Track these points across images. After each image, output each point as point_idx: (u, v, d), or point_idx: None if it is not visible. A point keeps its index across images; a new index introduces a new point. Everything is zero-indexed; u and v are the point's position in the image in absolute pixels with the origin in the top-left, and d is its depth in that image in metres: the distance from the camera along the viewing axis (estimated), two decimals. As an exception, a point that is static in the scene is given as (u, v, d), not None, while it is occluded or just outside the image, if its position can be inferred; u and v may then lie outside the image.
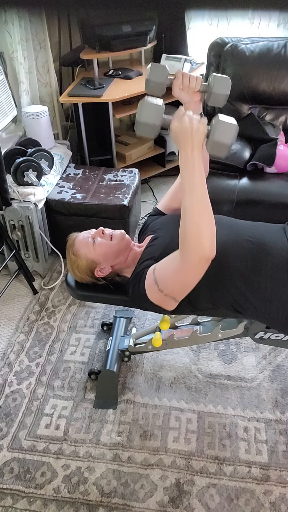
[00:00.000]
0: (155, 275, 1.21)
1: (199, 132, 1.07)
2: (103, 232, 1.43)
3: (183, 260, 1.11)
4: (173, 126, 1.10)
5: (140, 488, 1.49)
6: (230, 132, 1.08)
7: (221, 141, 1.08)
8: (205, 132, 1.09)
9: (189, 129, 1.07)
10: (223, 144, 1.08)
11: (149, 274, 1.23)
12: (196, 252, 1.08)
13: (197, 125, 1.08)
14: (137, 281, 1.28)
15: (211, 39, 2.65)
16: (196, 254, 1.08)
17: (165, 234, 1.37)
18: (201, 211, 1.08)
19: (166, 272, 1.19)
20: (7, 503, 1.46)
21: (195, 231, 1.07)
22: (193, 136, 1.07)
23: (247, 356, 1.93)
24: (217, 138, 1.08)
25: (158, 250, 1.31)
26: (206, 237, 1.07)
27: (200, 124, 1.08)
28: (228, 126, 1.08)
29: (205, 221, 1.08)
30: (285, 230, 1.37)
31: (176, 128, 1.09)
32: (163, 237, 1.37)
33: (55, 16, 2.68)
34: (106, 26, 2.59)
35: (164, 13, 1.07)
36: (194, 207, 1.08)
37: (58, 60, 2.86)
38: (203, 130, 1.08)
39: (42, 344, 2.01)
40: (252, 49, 2.51)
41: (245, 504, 1.44)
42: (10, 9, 0.36)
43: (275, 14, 2.22)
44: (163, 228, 1.42)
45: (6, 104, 2.42)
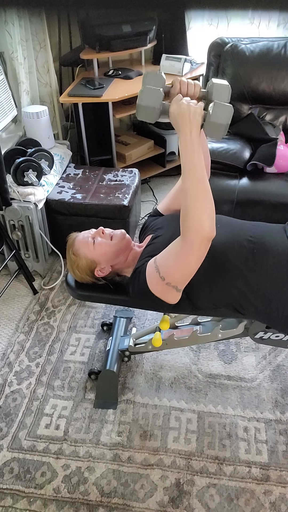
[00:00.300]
0: (156, 263, 1.21)
1: (196, 114, 1.11)
2: (103, 232, 1.43)
3: (184, 242, 1.13)
4: (172, 109, 1.14)
5: (140, 488, 1.49)
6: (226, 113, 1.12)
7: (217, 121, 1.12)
8: (202, 114, 1.12)
9: (187, 112, 1.11)
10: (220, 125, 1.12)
11: (150, 264, 1.24)
12: (197, 232, 1.11)
13: (194, 108, 1.12)
14: (137, 275, 1.27)
15: (211, 39, 2.65)
16: (198, 234, 1.11)
17: (166, 233, 1.37)
18: (200, 192, 1.12)
19: (167, 259, 1.19)
20: (7, 503, 1.46)
21: (196, 212, 1.10)
22: (191, 118, 1.11)
23: (247, 356, 1.93)
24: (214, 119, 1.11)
25: (159, 248, 1.31)
26: (206, 217, 1.10)
27: (197, 107, 1.12)
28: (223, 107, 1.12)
29: (205, 202, 1.12)
30: (285, 230, 1.37)
31: (175, 111, 1.13)
32: (164, 235, 1.37)
33: (55, 16, 2.68)
34: (106, 26, 2.59)
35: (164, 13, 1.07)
36: (194, 188, 1.12)
37: (58, 60, 2.86)
38: (200, 112, 1.12)
39: (42, 344, 2.01)
40: (252, 49, 2.51)
41: (245, 504, 1.44)
42: (10, 9, 0.36)
43: (275, 14, 2.22)
44: (164, 227, 1.42)
45: (6, 104, 2.42)
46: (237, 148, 2.40)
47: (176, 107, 1.13)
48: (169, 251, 1.20)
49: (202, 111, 1.13)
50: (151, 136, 3.07)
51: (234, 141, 2.48)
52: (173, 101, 1.14)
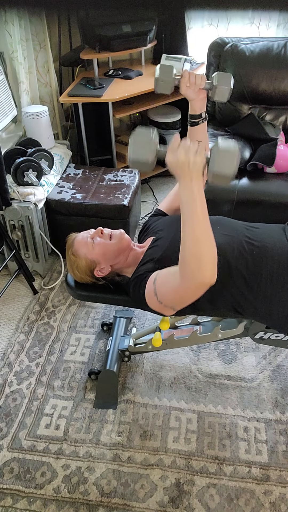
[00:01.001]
0: (155, 286, 1.20)
1: (196, 165, 1.00)
2: (102, 232, 1.43)
3: (182, 282, 1.09)
4: (168, 159, 1.03)
5: (140, 488, 1.49)
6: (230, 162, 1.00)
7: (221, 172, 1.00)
8: (203, 162, 1.01)
9: (186, 163, 1.00)
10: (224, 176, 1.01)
11: (150, 283, 1.23)
12: (196, 280, 1.05)
13: (193, 158, 0.99)
14: (138, 286, 1.28)
15: (211, 39, 2.65)
16: (195, 281, 1.05)
17: (167, 236, 1.37)
18: (201, 241, 1.03)
19: (165, 287, 1.18)
20: (7, 503, 1.46)
21: (195, 261, 1.03)
22: (191, 169, 1.00)
23: (247, 356, 1.93)
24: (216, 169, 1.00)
25: (159, 252, 1.31)
26: (207, 266, 1.03)
27: (198, 156, 1.00)
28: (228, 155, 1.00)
29: (206, 251, 1.03)
30: (285, 231, 1.37)
31: (172, 163, 1.02)
32: (164, 238, 1.37)
33: (55, 16, 2.68)
34: (106, 26, 2.59)
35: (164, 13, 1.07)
36: (195, 238, 1.03)
37: (58, 60, 2.86)
38: (201, 162, 1.01)
39: (42, 344, 2.01)
40: (252, 49, 2.51)
41: (245, 504, 1.44)
42: (10, 9, 0.36)
43: (275, 14, 2.22)
44: (165, 229, 1.42)
45: (6, 104, 2.42)
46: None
47: (172, 159, 1.02)
48: (168, 279, 1.17)
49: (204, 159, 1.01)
50: (151, 136, 3.07)
51: (234, 141, 2.47)
52: (169, 150, 1.03)
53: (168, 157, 1.03)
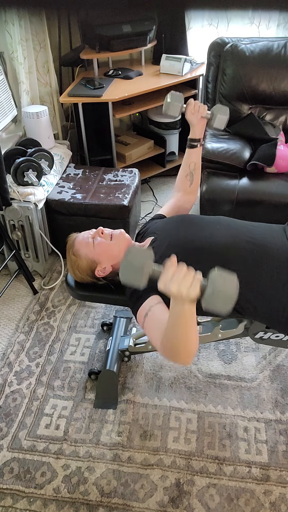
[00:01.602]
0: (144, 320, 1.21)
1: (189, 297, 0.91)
2: (102, 231, 1.44)
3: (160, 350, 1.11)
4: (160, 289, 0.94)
5: (140, 488, 1.49)
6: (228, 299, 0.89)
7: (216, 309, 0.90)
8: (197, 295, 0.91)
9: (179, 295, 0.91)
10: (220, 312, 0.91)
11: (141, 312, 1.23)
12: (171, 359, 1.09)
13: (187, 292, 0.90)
14: (134, 299, 1.29)
15: (211, 39, 2.65)
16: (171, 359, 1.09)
17: (165, 235, 1.38)
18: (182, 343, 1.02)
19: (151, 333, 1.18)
20: (7, 503, 1.46)
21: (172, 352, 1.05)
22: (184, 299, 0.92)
23: (247, 356, 1.93)
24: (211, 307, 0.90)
25: (158, 252, 1.32)
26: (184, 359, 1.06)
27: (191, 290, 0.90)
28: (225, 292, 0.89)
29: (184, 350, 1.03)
30: (285, 231, 1.37)
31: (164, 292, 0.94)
32: (163, 239, 1.37)
33: (55, 16, 2.68)
34: (106, 26, 2.59)
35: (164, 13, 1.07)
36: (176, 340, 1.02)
37: (58, 60, 2.86)
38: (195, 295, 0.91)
39: (42, 344, 2.01)
40: (252, 49, 2.51)
41: (245, 504, 1.44)
42: (10, 9, 0.36)
43: (275, 14, 2.22)
44: (164, 230, 1.43)
45: (6, 104, 2.42)
46: (237, 148, 2.40)
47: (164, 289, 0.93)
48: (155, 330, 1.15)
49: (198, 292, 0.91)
50: (151, 136, 3.07)
51: (234, 141, 2.48)
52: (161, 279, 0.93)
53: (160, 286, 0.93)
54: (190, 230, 1.39)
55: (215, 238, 1.19)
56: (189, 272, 0.92)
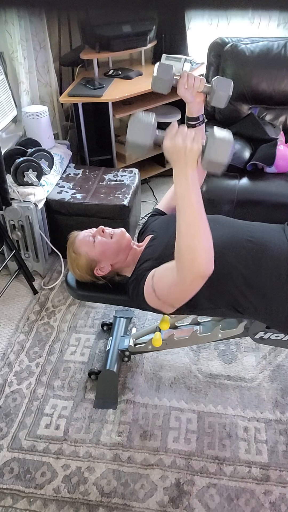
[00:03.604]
0: (153, 282, 1.21)
1: (192, 152, 1.03)
2: (103, 230, 1.44)
3: (178, 276, 1.09)
4: (166, 144, 1.05)
5: (140, 488, 1.49)
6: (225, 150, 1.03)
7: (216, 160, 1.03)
8: (199, 150, 1.04)
9: (183, 149, 1.02)
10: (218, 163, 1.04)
11: (148, 280, 1.23)
12: (192, 271, 1.05)
13: (190, 145, 1.02)
14: (137, 284, 1.28)
15: (211, 39, 2.65)
16: (192, 273, 1.05)
17: (164, 234, 1.37)
18: (196, 230, 1.03)
19: (163, 283, 1.18)
20: (7, 503, 1.46)
21: (190, 251, 1.03)
22: (187, 155, 1.03)
23: (247, 356, 1.92)
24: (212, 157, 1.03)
25: (157, 251, 1.32)
26: (202, 256, 1.03)
27: (194, 143, 1.03)
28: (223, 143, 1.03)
29: (201, 240, 1.03)
30: (284, 230, 1.37)
31: (169, 147, 1.05)
32: (162, 237, 1.37)
33: (55, 16, 2.68)
34: (106, 26, 2.59)
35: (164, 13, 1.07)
36: (189, 226, 1.04)
37: (58, 60, 2.86)
38: (197, 149, 1.03)
39: (42, 344, 2.01)
40: (252, 49, 2.51)
41: (245, 504, 1.44)
42: (10, 9, 0.36)
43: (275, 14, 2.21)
44: (162, 228, 1.43)
45: (6, 104, 2.42)
46: (237, 148, 2.39)
47: (170, 144, 1.04)
48: (165, 275, 1.17)
49: (200, 146, 1.04)
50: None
51: (234, 141, 2.47)
52: (167, 134, 1.06)
53: (165, 142, 1.05)
54: None
55: (214, 237, 1.18)
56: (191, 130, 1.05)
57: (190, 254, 1.03)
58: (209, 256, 1.04)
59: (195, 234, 1.03)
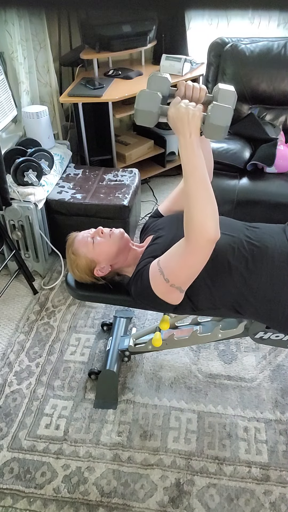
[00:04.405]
0: (160, 265, 1.22)
1: (195, 117, 1.11)
2: (102, 231, 1.43)
3: (188, 244, 1.13)
4: (170, 112, 1.13)
5: (140, 488, 1.49)
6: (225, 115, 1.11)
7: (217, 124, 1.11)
8: (201, 116, 1.12)
9: (186, 115, 1.10)
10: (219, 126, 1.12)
11: (153, 265, 1.24)
12: (201, 235, 1.10)
13: (193, 111, 1.11)
14: (140, 276, 1.28)
15: (211, 39, 2.65)
16: (201, 236, 1.11)
17: (167, 234, 1.37)
18: (203, 193, 1.11)
19: (171, 260, 1.20)
20: (7, 503, 1.46)
21: (199, 214, 1.10)
22: (190, 121, 1.10)
23: (247, 356, 1.92)
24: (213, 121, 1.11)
25: (160, 249, 1.31)
26: (210, 219, 1.10)
27: (196, 110, 1.11)
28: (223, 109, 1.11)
29: (208, 203, 1.11)
30: (285, 231, 1.37)
31: (173, 115, 1.12)
32: (165, 236, 1.37)
33: (55, 16, 2.68)
34: (106, 26, 2.59)
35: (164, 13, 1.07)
36: (196, 190, 1.11)
37: (58, 60, 2.86)
38: (199, 115, 1.11)
39: (42, 344, 2.01)
40: (252, 49, 2.51)
41: (245, 504, 1.44)
42: (10, 9, 0.36)
43: (275, 14, 2.21)
44: (165, 227, 1.42)
45: (6, 104, 2.42)
46: (237, 148, 2.40)
47: (174, 110, 1.12)
48: (173, 253, 1.20)
49: (201, 113, 1.12)
50: (151, 136, 3.07)
51: (234, 141, 2.48)
52: (171, 104, 1.14)
53: (170, 110, 1.13)
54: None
55: None
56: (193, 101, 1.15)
57: (199, 218, 1.10)
58: (216, 220, 1.12)
59: (202, 197, 1.11)
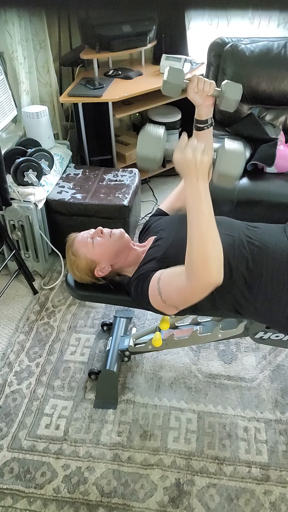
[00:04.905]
0: (159, 285, 1.20)
1: (203, 164, 1.03)
2: (102, 231, 1.43)
3: (188, 282, 1.09)
4: (176, 157, 1.06)
5: (140, 488, 1.49)
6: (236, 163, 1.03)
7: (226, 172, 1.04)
8: (210, 162, 1.04)
9: (193, 162, 1.03)
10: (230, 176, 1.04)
11: (154, 282, 1.22)
12: (203, 280, 1.06)
13: (200, 158, 1.02)
14: (140, 285, 1.27)
15: (211, 39, 2.65)
16: (202, 281, 1.06)
17: (168, 235, 1.37)
18: (208, 241, 1.04)
19: (170, 287, 1.18)
20: (7, 503, 1.46)
21: (202, 260, 1.04)
22: (198, 168, 1.03)
23: (247, 356, 1.92)
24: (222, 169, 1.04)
25: (161, 251, 1.31)
26: (214, 266, 1.04)
27: (204, 156, 1.03)
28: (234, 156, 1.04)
29: (213, 250, 1.05)
30: (285, 231, 1.37)
31: (179, 160, 1.05)
32: (166, 238, 1.37)
33: (55, 16, 2.68)
34: (106, 26, 2.59)
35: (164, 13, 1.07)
36: (202, 237, 1.05)
37: (58, 60, 2.86)
38: (208, 161, 1.04)
39: (42, 344, 2.01)
40: (252, 49, 2.51)
41: (245, 504, 1.44)
42: (10, 9, 0.36)
43: (275, 14, 2.22)
44: (166, 229, 1.42)
45: (6, 104, 2.42)
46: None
47: (180, 157, 1.05)
48: (173, 280, 1.17)
49: (210, 159, 1.04)
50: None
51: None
52: (177, 148, 1.06)
53: (175, 155, 1.05)
54: None
55: None
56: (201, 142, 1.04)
57: (202, 264, 1.04)
58: (220, 265, 1.06)
59: (208, 244, 1.04)
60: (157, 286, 1.21)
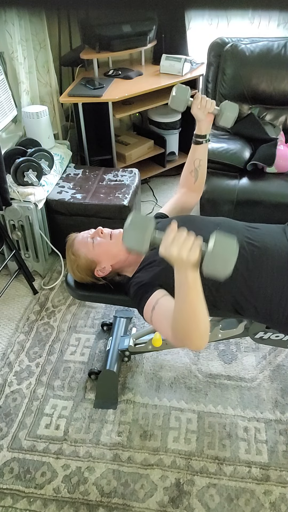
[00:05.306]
0: (152, 314, 1.21)
1: (190, 261, 0.94)
2: (102, 231, 1.44)
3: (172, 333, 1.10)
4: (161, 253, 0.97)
5: (140, 488, 1.49)
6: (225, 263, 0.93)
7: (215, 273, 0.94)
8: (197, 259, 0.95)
9: (179, 260, 0.95)
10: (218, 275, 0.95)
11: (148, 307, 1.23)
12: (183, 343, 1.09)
13: (187, 257, 0.93)
14: (138, 299, 1.28)
15: (211, 39, 2.65)
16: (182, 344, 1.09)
17: None
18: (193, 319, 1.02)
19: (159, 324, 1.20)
20: (7, 503, 1.46)
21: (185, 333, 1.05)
22: (185, 263, 0.95)
23: (247, 356, 1.92)
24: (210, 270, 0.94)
25: (158, 253, 1.32)
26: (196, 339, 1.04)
27: (191, 254, 0.93)
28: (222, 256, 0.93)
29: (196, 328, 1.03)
30: (285, 231, 1.37)
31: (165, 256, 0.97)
32: None
33: (55, 16, 2.68)
34: (106, 26, 2.59)
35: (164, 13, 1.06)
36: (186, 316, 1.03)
37: (58, 60, 2.86)
38: (195, 259, 0.94)
39: (42, 344, 2.01)
40: (252, 49, 2.51)
41: (245, 504, 1.44)
42: (10, 9, 0.36)
43: (275, 14, 2.21)
44: (164, 230, 1.43)
45: (6, 104, 2.42)
46: (237, 148, 2.40)
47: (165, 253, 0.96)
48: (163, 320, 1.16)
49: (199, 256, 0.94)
50: (151, 136, 3.07)
51: (234, 141, 2.48)
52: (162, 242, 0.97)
53: (161, 250, 0.97)
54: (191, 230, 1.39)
55: None
56: (189, 237, 0.96)
57: (184, 335, 1.06)
58: (203, 338, 1.05)
59: (192, 322, 1.03)
60: (150, 314, 1.22)
